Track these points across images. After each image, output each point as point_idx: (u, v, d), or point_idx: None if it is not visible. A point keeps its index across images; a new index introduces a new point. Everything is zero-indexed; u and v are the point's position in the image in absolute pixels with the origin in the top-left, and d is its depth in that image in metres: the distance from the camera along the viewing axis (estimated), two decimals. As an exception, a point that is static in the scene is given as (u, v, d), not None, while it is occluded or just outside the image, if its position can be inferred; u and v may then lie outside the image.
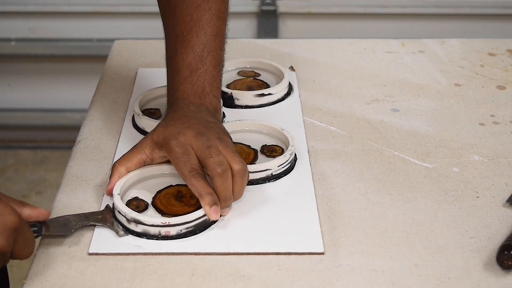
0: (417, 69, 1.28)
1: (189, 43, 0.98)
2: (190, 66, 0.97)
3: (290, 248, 0.85)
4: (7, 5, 2.28)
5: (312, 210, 0.91)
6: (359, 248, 0.86)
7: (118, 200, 0.88)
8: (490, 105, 1.17)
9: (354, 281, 0.81)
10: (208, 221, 0.88)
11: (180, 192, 0.92)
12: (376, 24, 2.32)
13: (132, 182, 0.93)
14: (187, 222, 0.86)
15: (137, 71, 1.25)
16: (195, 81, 0.97)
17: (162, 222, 0.85)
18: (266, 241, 0.86)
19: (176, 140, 0.90)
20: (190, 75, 0.97)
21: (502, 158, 1.03)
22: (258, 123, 1.05)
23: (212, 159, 0.87)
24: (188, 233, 0.86)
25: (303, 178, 0.97)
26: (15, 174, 2.32)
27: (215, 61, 0.99)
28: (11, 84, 2.41)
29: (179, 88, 0.97)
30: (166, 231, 0.86)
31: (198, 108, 0.96)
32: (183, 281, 0.81)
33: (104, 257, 0.84)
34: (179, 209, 0.89)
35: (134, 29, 2.32)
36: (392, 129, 1.10)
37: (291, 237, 0.86)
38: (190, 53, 0.98)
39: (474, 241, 0.87)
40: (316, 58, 1.31)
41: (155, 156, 0.92)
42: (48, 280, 0.81)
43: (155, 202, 0.91)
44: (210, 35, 0.99)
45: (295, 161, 1.00)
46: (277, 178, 0.96)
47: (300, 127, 1.08)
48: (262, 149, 1.01)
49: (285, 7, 2.28)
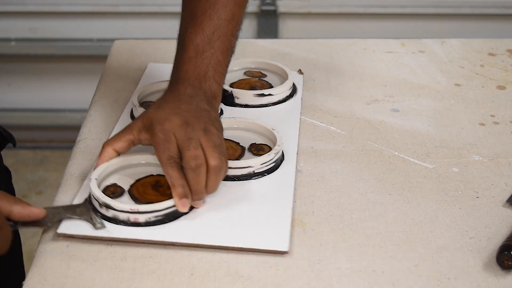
0: (417, 69, 1.28)
1: (201, 25, 0.97)
2: (197, 47, 0.96)
3: (254, 245, 0.84)
4: (7, 5, 2.29)
5: (286, 210, 0.90)
6: (359, 248, 0.86)
7: (93, 184, 0.89)
8: (490, 105, 1.17)
9: (353, 281, 0.81)
10: (178, 211, 0.88)
11: (159, 182, 0.93)
12: (376, 24, 2.32)
13: (114, 168, 0.94)
14: (156, 211, 0.87)
15: (147, 66, 1.26)
16: (199, 63, 0.96)
17: (132, 208, 0.86)
18: (232, 236, 0.86)
19: (161, 125, 0.89)
20: (195, 56, 0.96)
21: (502, 158, 1.03)
22: (250, 122, 1.05)
23: (189, 152, 0.87)
24: (157, 222, 0.87)
25: (285, 179, 0.96)
26: (15, 174, 2.32)
27: (224, 46, 0.98)
28: (11, 84, 2.41)
29: (182, 68, 0.96)
30: (135, 218, 0.86)
31: (195, 92, 0.94)
32: (182, 281, 0.81)
33: (103, 257, 0.84)
34: (153, 198, 0.90)
35: (134, 29, 2.32)
36: (392, 129, 1.10)
37: (258, 234, 0.86)
38: (200, 34, 0.97)
39: (474, 241, 0.87)
40: (316, 58, 1.31)
41: (142, 137, 0.92)
42: (48, 280, 0.80)
43: (132, 189, 0.92)
44: (224, 19, 0.98)
45: (281, 161, 1.00)
46: (260, 176, 0.96)
47: (295, 128, 1.08)
48: (250, 147, 1.01)
49: (285, 7, 2.28)
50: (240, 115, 1.09)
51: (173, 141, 0.88)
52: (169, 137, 0.88)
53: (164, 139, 0.88)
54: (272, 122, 1.06)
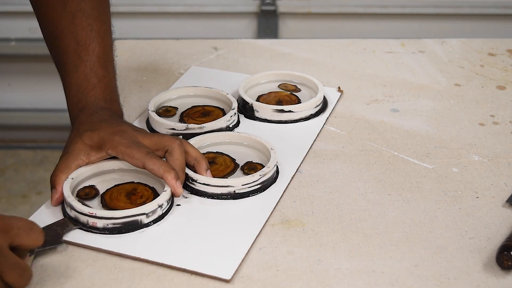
0: (417, 69, 1.28)
1: (94, 52, 1.01)
2: (98, 74, 1.01)
3: (199, 268, 0.81)
4: (7, 5, 2.28)
5: (248, 239, 0.86)
6: (359, 249, 0.86)
7: (66, 182, 0.90)
8: (490, 105, 1.17)
9: (353, 282, 0.81)
10: (140, 222, 0.87)
11: (135, 189, 0.92)
12: (376, 24, 2.32)
13: (96, 172, 0.94)
14: (113, 218, 0.86)
15: (190, 67, 1.26)
16: (104, 88, 1.01)
17: (90, 212, 0.86)
18: (179, 255, 0.83)
19: (120, 135, 0.93)
20: (98, 82, 1.01)
21: (502, 158, 1.03)
22: (252, 138, 1.01)
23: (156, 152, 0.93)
24: (114, 230, 0.86)
25: (265, 204, 0.92)
26: (15, 174, 2.32)
27: (114, 71, 1.04)
28: (11, 84, 2.41)
29: (89, 93, 1.00)
30: (93, 222, 0.86)
31: (110, 113, 0.99)
32: (181, 282, 0.81)
33: (103, 258, 0.84)
34: (121, 205, 0.89)
35: (134, 29, 2.32)
36: (392, 129, 1.10)
37: (207, 257, 0.83)
38: (96, 62, 1.01)
39: (474, 242, 0.87)
40: (316, 58, 1.31)
41: (92, 159, 0.94)
42: (47, 280, 0.80)
43: (105, 194, 0.91)
44: (109, 46, 1.04)
45: (272, 183, 0.96)
46: (240, 197, 0.93)
47: (302, 152, 1.02)
48: (243, 166, 0.98)
49: (285, 7, 2.28)
50: (256, 129, 1.07)
51: (140, 142, 0.93)
52: (136, 139, 0.93)
53: (132, 141, 0.92)
54: (283, 142, 1.03)
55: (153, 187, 0.92)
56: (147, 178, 0.94)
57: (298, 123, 1.10)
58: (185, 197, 0.93)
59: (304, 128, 1.09)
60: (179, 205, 0.91)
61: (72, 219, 0.88)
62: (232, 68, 1.27)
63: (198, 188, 0.93)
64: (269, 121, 1.10)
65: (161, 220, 0.89)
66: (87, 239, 0.85)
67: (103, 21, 1.03)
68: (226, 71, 1.25)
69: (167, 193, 0.89)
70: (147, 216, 0.87)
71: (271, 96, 1.14)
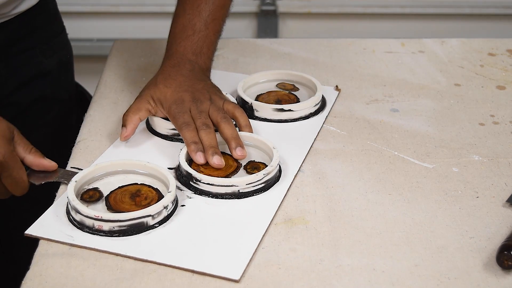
0: (417, 69, 1.28)
1: (198, 7, 1.10)
2: (195, 27, 1.09)
3: (207, 269, 0.81)
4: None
5: (254, 239, 0.86)
6: (359, 248, 0.86)
7: (70, 186, 0.90)
8: (490, 105, 1.17)
9: (354, 282, 0.81)
10: (146, 224, 0.87)
11: (139, 191, 0.92)
12: (376, 24, 2.32)
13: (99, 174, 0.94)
14: (119, 221, 0.86)
15: None
16: (196, 41, 1.09)
17: (96, 215, 0.86)
18: (187, 256, 0.83)
19: (175, 104, 1.02)
20: (192, 34, 1.09)
21: (502, 158, 1.03)
22: (254, 137, 1.01)
23: (200, 120, 1.00)
24: (120, 232, 0.86)
25: (269, 204, 0.92)
26: (15, 174, 2.31)
27: (216, 29, 1.12)
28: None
29: (180, 43, 1.09)
30: (99, 225, 0.86)
31: (192, 66, 1.07)
32: (183, 281, 0.81)
33: (104, 257, 0.84)
34: (126, 207, 0.89)
35: (134, 29, 2.32)
36: (392, 129, 1.10)
37: (216, 258, 0.83)
38: (197, 16, 1.10)
39: (474, 241, 0.87)
40: (316, 58, 1.31)
41: (158, 110, 1.04)
42: (48, 281, 0.80)
43: (109, 196, 0.91)
44: (217, 5, 1.11)
45: (275, 182, 0.96)
46: (244, 196, 0.93)
47: (303, 150, 1.03)
48: (246, 165, 0.98)
49: (285, 7, 2.28)
50: (256, 128, 1.07)
51: (187, 112, 1.01)
52: (184, 109, 1.02)
53: (179, 111, 1.01)
54: (283, 140, 1.03)
55: (157, 188, 0.93)
56: (150, 179, 0.94)
57: (298, 122, 1.10)
58: (189, 197, 0.93)
59: (304, 127, 1.09)
60: (183, 206, 0.92)
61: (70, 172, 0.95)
62: (231, 68, 1.27)
63: (202, 188, 0.93)
64: (268, 120, 1.10)
65: (166, 222, 0.88)
66: (94, 242, 0.85)
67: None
68: (226, 71, 1.26)
69: (171, 194, 0.89)
70: (153, 218, 0.87)
71: (270, 96, 1.15)
